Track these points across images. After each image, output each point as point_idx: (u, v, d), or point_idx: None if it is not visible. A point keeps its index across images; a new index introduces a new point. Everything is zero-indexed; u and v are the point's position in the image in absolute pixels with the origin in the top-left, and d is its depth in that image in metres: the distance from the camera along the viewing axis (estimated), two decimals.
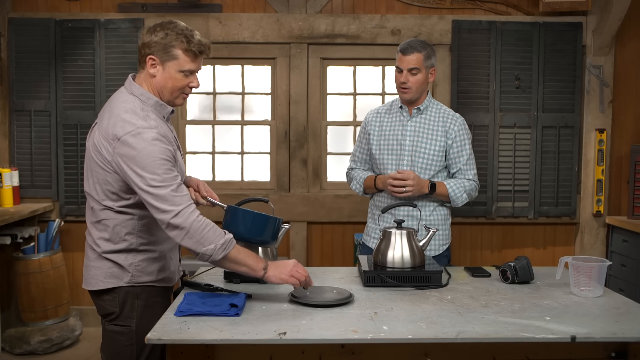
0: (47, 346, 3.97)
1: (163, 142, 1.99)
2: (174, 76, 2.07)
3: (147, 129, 1.97)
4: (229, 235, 2.00)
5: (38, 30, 4.28)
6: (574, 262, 2.23)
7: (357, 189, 3.01)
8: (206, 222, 1.96)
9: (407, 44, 2.82)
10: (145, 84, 2.11)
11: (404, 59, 2.79)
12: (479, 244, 4.50)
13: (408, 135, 2.87)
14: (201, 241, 1.94)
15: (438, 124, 2.87)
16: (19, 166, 4.32)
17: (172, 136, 2.14)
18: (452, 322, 1.90)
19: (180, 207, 1.93)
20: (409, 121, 2.89)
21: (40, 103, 4.31)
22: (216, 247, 1.95)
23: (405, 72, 2.79)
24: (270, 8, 4.39)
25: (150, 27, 2.08)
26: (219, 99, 4.53)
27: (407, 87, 2.80)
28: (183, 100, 2.17)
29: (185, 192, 1.99)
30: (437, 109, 2.91)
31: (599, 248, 4.39)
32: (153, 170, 1.93)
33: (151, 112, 2.07)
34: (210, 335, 1.78)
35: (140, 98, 2.08)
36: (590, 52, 4.31)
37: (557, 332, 1.82)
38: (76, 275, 4.46)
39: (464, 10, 4.38)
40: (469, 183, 2.88)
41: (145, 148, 1.94)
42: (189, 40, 2.04)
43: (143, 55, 2.07)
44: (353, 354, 1.82)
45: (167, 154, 1.98)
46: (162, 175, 1.94)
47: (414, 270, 2.37)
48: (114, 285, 2.09)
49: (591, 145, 4.35)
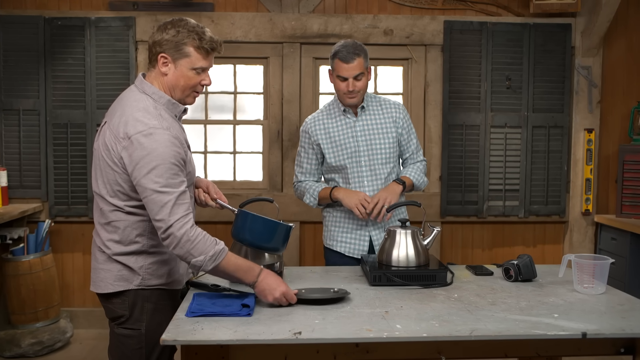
0: (38, 349, 3.92)
1: (175, 144, 1.96)
2: (186, 74, 2.06)
3: (160, 130, 1.95)
4: (220, 247, 1.97)
5: (27, 28, 4.22)
6: (577, 260, 2.26)
7: (310, 202, 2.90)
8: (197, 233, 1.94)
9: (344, 50, 2.68)
10: (156, 82, 2.09)
11: (347, 67, 2.68)
12: (470, 242, 4.54)
13: (359, 135, 2.83)
14: (191, 252, 1.93)
15: (385, 116, 2.87)
16: (8, 166, 4.25)
17: (183, 137, 2.12)
18: (463, 320, 1.92)
19: (175, 217, 1.91)
20: (356, 122, 2.84)
21: (29, 102, 4.25)
22: (205, 259, 1.94)
23: (350, 80, 2.71)
24: (263, 7, 4.38)
25: (161, 25, 2.07)
26: (211, 98, 4.50)
27: (355, 94, 2.74)
28: (194, 99, 2.17)
29: (186, 201, 1.96)
30: (377, 102, 2.90)
31: (588, 246, 4.46)
32: (159, 173, 1.91)
33: (164, 111, 2.06)
34: (225, 335, 1.77)
35: (153, 97, 2.06)
36: (579, 53, 4.38)
37: (567, 328, 1.85)
38: (66, 277, 4.40)
39: (456, 11, 4.42)
40: (422, 165, 2.95)
41: (156, 150, 1.92)
42: (200, 37, 2.03)
43: (154, 53, 2.06)
44: (367, 352, 1.83)
45: (177, 158, 1.96)
46: (168, 180, 1.92)
47: (419, 269, 2.38)
48: (124, 288, 2.06)
49: (580, 145, 4.42)
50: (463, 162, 4.40)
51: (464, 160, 4.40)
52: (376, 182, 2.84)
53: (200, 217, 2.97)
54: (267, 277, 2.04)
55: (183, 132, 2.17)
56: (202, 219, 3.97)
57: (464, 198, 4.41)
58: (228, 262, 1.99)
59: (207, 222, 4.18)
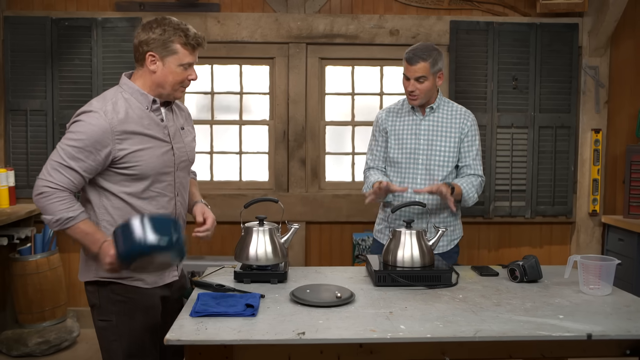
0: (45, 348, 3.93)
1: (103, 130, 2.02)
2: (174, 70, 2.14)
3: (94, 111, 2.04)
4: (68, 215, 2.00)
5: (34, 29, 4.24)
6: (583, 261, 2.25)
7: (366, 189, 2.98)
8: (56, 195, 2.00)
9: (412, 52, 2.80)
10: (141, 80, 2.16)
11: (410, 68, 2.79)
12: (476, 243, 4.52)
13: (422, 134, 2.89)
14: (45, 209, 2.02)
15: (452, 121, 2.90)
16: (15, 166, 4.27)
17: (148, 123, 2.14)
18: (467, 321, 1.91)
19: (49, 177, 2.01)
20: (422, 120, 2.91)
21: (36, 102, 4.27)
22: (52, 220, 2.02)
23: (412, 81, 2.79)
24: (269, 8, 4.38)
25: (145, 25, 2.14)
26: (217, 98, 4.51)
27: (415, 95, 2.82)
28: (182, 93, 2.23)
29: (69, 176, 2.01)
30: (449, 107, 2.94)
31: (595, 247, 4.44)
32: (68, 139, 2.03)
33: (125, 99, 2.12)
34: (229, 335, 1.77)
35: (122, 87, 2.16)
36: (586, 53, 4.35)
37: (572, 330, 1.84)
38: (73, 276, 4.42)
39: (462, 11, 4.41)
40: (477, 180, 2.90)
41: (81, 125, 2.03)
42: (186, 34, 2.13)
43: (141, 52, 2.13)
44: (371, 353, 1.83)
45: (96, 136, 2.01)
46: (67, 150, 2.01)
47: (424, 269, 2.38)
48: (89, 278, 2.16)
49: (587, 145, 4.40)
50: None
51: None
52: (430, 183, 2.88)
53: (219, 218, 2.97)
54: (106, 247, 2.01)
55: (158, 124, 2.18)
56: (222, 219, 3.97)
57: None
58: (75, 230, 2.03)
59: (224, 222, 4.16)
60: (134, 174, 2.10)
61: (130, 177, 2.10)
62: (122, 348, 2.14)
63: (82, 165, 2.02)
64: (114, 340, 2.15)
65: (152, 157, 2.13)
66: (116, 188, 2.11)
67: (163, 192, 2.19)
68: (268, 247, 2.40)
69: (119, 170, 2.09)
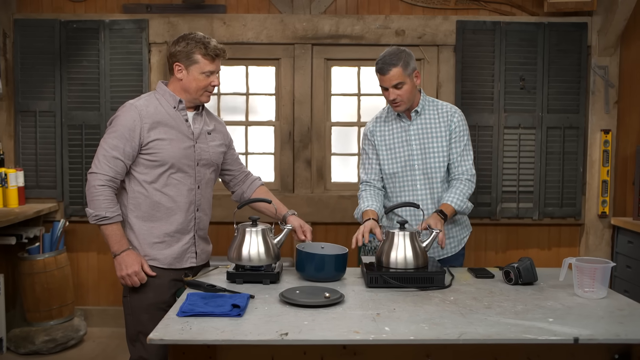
0: (52, 346, 3.99)
1: (134, 119, 2.41)
2: (197, 77, 2.49)
3: (127, 106, 2.47)
4: (106, 214, 2.38)
5: (43, 31, 4.30)
6: (578, 264, 2.22)
7: (357, 216, 2.94)
8: (102, 193, 2.38)
9: (381, 62, 2.70)
10: (172, 86, 2.55)
11: (384, 78, 2.71)
12: (483, 244, 4.48)
13: (413, 139, 2.84)
14: (90, 202, 2.41)
15: (439, 120, 2.85)
16: (24, 166, 4.34)
17: (174, 119, 2.50)
18: (454, 323, 1.89)
19: (94, 170, 2.41)
20: (410, 126, 2.86)
21: (45, 104, 4.33)
22: (92, 214, 2.39)
23: (391, 89, 2.72)
24: (275, 9, 4.39)
25: (175, 40, 2.53)
26: (223, 99, 4.53)
27: (398, 102, 2.75)
28: (207, 98, 2.57)
29: (111, 165, 2.40)
30: (434, 107, 2.89)
31: (604, 249, 4.37)
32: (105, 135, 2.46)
33: (157, 99, 2.52)
34: (212, 335, 1.78)
35: (157, 90, 2.56)
36: (595, 53, 4.29)
37: (559, 333, 1.81)
38: (81, 276, 4.48)
39: (468, 10, 4.38)
40: (465, 186, 2.81)
41: (118, 117, 2.45)
42: (206, 46, 2.47)
43: (171, 63, 2.52)
44: (355, 354, 1.83)
45: (129, 124, 2.41)
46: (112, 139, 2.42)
47: (417, 271, 2.36)
48: None
49: (596, 146, 4.34)
50: (476, 164, 4.27)
51: (477, 162, 4.31)
52: (430, 186, 2.85)
53: (214, 218, 3.01)
54: (129, 255, 2.40)
55: (183, 122, 2.52)
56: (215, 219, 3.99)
57: (477, 200, 4.35)
58: (106, 229, 2.41)
59: (219, 223, 4.19)
60: (155, 160, 2.44)
61: (152, 164, 2.44)
62: (134, 322, 2.46)
63: (121, 152, 2.40)
64: (129, 314, 2.48)
65: (174, 148, 2.45)
66: (140, 176, 2.46)
67: (183, 181, 2.50)
68: (261, 248, 2.40)
69: (144, 156, 2.43)
